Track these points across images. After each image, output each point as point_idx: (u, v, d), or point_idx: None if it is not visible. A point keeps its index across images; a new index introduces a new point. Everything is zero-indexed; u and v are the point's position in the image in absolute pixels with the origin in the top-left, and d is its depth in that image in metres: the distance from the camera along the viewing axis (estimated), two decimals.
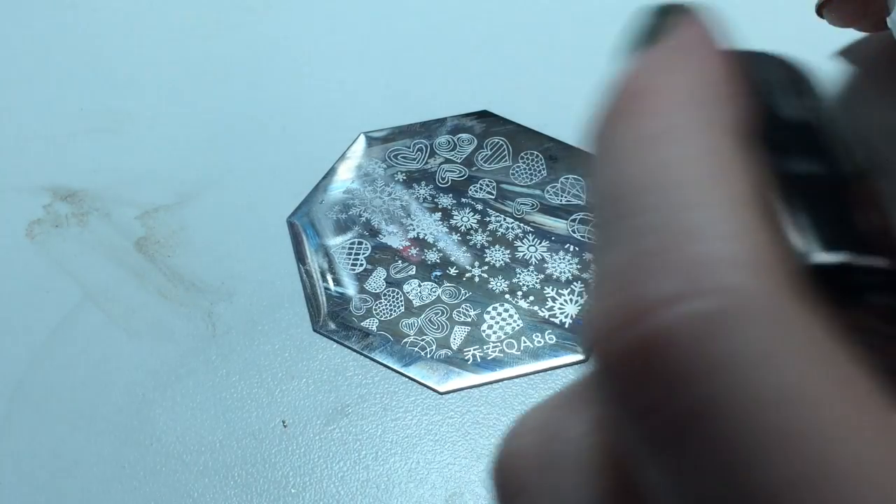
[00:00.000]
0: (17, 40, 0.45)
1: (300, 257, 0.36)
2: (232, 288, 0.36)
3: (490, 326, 0.34)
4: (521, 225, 0.37)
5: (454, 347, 0.34)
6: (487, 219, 0.37)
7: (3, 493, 0.32)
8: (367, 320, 0.35)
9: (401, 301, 0.35)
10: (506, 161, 0.38)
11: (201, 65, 0.44)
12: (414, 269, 0.36)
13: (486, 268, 0.36)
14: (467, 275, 0.36)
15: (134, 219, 0.38)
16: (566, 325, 0.34)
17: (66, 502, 0.31)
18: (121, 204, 0.39)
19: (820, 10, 0.36)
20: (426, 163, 0.39)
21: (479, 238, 0.36)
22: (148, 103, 0.42)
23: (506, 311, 0.35)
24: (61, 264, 0.37)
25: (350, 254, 0.36)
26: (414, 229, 0.37)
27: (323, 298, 0.35)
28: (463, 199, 0.37)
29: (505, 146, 0.39)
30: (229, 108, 0.42)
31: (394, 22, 0.45)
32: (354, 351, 0.34)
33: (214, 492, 0.31)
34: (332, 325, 0.34)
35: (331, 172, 0.38)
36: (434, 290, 0.35)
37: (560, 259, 0.36)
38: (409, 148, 0.39)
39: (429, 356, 0.34)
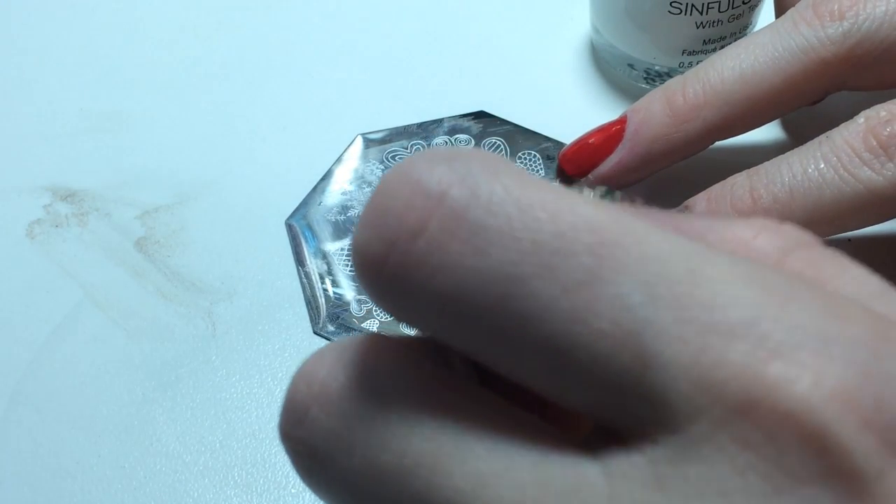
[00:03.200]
0: (18, 40, 0.46)
1: (299, 260, 0.36)
2: (232, 288, 0.36)
3: None
4: None
5: None
6: None
7: (3, 493, 0.32)
8: (368, 321, 0.35)
9: None
10: None
11: (201, 65, 0.44)
12: None
13: None
14: None
15: (134, 219, 0.38)
16: None
17: (65, 502, 0.32)
18: (121, 204, 0.39)
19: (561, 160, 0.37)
20: None
21: None
22: (148, 103, 0.42)
23: None
24: (61, 264, 0.37)
25: (349, 256, 0.36)
26: None
27: (322, 301, 0.35)
28: None
29: (502, 146, 0.39)
30: (229, 109, 0.42)
31: (390, 23, 0.45)
32: None
33: (214, 492, 0.31)
34: (332, 328, 0.35)
35: (328, 175, 0.39)
36: None
37: None
38: (407, 149, 0.39)
39: None
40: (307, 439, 0.16)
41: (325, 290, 0.35)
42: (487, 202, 0.15)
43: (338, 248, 0.37)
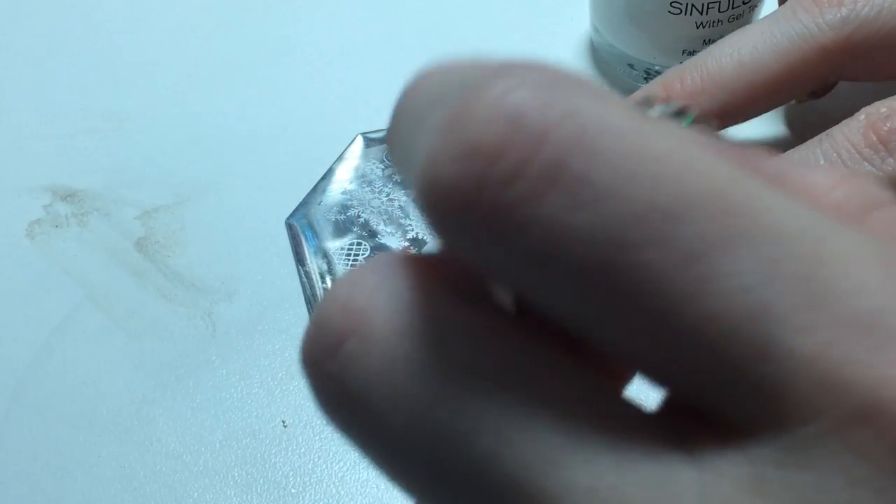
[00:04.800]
0: (18, 40, 0.46)
1: (299, 259, 0.36)
2: (232, 288, 0.36)
3: None
4: None
5: None
6: None
7: (3, 493, 0.32)
8: None
9: None
10: None
11: (201, 65, 0.44)
12: None
13: None
14: None
15: (134, 219, 0.38)
16: None
17: (65, 502, 0.32)
18: (121, 204, 0.39)
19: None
20: None
21: None
22: (148, 103, 0.42)
23: None
24: (61, 264, 0.37)
25: (349, 255, 0.36)
26: (412, 230, 0.37)
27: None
28: None
29: None
30: (229, 109, 0.42)
31: (390, 23, 0.45)
32: None
33: (214, 492, 0.31)
34: None
35: (329, 174, 0.39)
36: None
37: None
38: None
39: None
40: (340, 375, 0.14)
41: (325, 289, 0.35)
42: (597, 149, 0.12)
43: (338, 247, 0.37)
